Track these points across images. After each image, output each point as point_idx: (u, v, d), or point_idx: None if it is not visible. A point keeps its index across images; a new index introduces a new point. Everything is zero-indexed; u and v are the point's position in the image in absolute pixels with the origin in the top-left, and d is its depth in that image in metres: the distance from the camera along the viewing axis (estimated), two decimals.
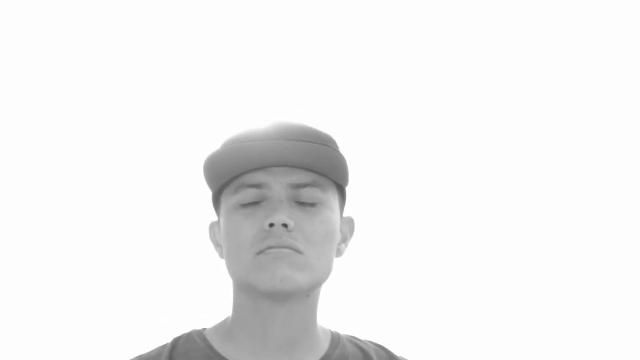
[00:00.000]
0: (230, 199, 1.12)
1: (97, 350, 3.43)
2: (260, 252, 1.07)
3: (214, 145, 1.21)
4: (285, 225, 1.07)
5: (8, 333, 3.43)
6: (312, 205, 1.10)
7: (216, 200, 1.18)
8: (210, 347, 1.17)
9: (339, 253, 1.18)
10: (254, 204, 1.09)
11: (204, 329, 1.23)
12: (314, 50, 3.38)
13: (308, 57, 3.37)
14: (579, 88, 3.46)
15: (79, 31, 3.44)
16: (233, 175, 1.10)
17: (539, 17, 3.40)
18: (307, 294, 1.11)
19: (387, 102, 3.40)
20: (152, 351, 1.20)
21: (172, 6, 3.45)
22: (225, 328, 1.19)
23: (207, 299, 3.46)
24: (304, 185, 1.09)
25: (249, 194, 1.09)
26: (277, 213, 1.07)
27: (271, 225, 1.06)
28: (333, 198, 1.13)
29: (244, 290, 1.12)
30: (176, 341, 1.20)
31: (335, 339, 1.22)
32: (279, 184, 1.09)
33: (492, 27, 3.41)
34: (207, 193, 1.26)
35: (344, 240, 1.19)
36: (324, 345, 1.19)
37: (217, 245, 1.19)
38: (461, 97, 3.47)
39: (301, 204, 1.10)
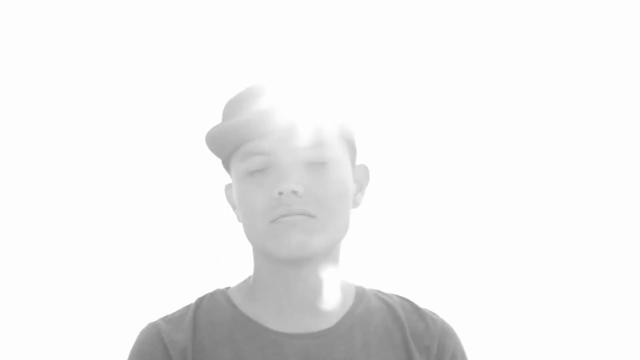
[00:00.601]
0: (238, 167, 1.11)
1: (97, 350, 3.41)
2: (273, 221, 1.07)
3: (218, 110, 1.21)
4: (294, 192, 1.06)
5: (8, 333, 3.41)
6: (321, 164, 1.09)
7: (226, 165, 1.18)
8: (233, 306, 1.18)
9: (355, 204, 1.17)
10: (262, 170, 1.09)
11: (228, 288, 1.23)
12: (313, 50, 3.39)
13: (307, 57, 3.38)
14: (581, 85, 3.48)
15: (79, 31, 3.45)
16: (237, 144, 1.10)
17: (539, 11, 3.42)
18: (325, 254, 1.11)
19: (388, 101, 3.41)
20: (176, 312, 1.21)
21: (172, 6, 3.46)
22: (247, 287, 1.19)
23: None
24: (311, 147, 1.08)
25: (256, 162, 1.08)
26: (285, 180, 1.06)
27: (280, 193, 1.06)
28: (342, 152, 1.11)
29: (263, 254, 1.12)
30: (200, 301, 1.21)
31: (360, 293, 1.22)
32: (284, 149, 1.08)
33: (493, 23, 3.43)
34: (207, 194, 1.26)
35: (360, 189, 1.18)
36: (348, 301, 1.19)
37: (234, 207, 1.19)
38: (464, 85, 3.49)
39: (309, 164, 1.09)
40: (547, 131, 3.50)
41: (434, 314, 1.25)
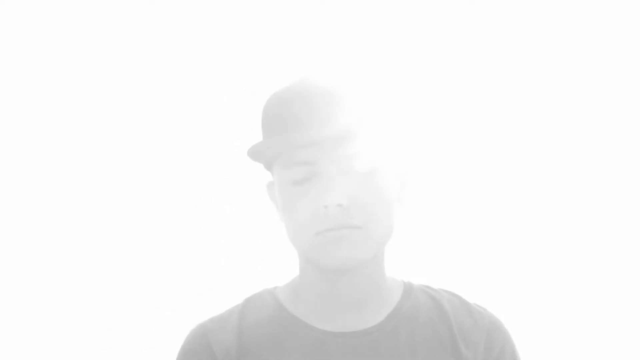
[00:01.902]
0: (282, 174, 1.10)
1: (97, 350, 3.40)
2: (318, 233, 1.07)
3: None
4: (340, 205, 1.05)
5: (8, 333, 3.40)
6: (366, 173, 1.07)
7: (268, 167, 1.17)
8: (279, 304, 1.18)
9: (402, 202, 1.16)
10: (306, 180, 1.07)
11: (275, 287, 1.24)
12: (313, 49, 3.38)
13: (307, 56, 3.38)
14: (588, 80, 3.48)
15: (79, 31, 3.45)
16: (278, 155, 1.09)
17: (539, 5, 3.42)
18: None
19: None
20: (224, 312, 1.22)
21: (172, 6, 3.46)
22: (294, 287, 1.20)
23: (209, 298, 3.44)
24: (354, 155, 1.06)
25: (300, 172, 1.07)
26: (330, 193, 1.05)
27: (326, 206, 1.05)
28: (386, 156, 1.10)
29: (308, 260, 1.13)
30: (247, 300, 1.22)
31: (408, 290, 1.22)
32: (328, 158, 1.06)
33: (493, 21, 3.43)
34: (207, 194, 1.27)
35: (404, 187, 1.16)
36: (395, 298, 1.19)
37: (276, 206, 1.18)
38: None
39: (354, 173, 1.07)
40: (552, 127, 3.50)
41: (482, 308, 1.24)
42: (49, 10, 3.41)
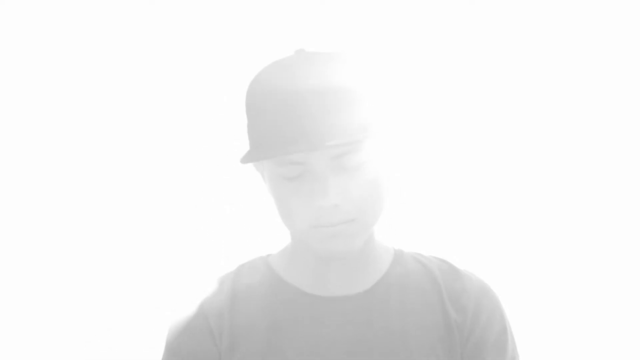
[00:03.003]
0: (273, 169, 1.09)
1: (97, 350, 3.41)
2: (313, 227, 1.07)
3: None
4: (335, 206, 1.05)
5: (8, 333, 3.40)
6: (357, 168, 1.07)
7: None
8: (272, 270, 1.20)
9: (391, 189, 1.16)
10: (298, 177, 1.07)
11: (269, 255, 1.25)
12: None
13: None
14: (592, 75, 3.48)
15: (79, 31, 3.45)
16: (271, 157, 1.07)
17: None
18: None
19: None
20: (218, 279, 1.24)
21: (172, 5, 3.46)
22: (286, 255, 1.21)
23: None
24: (345, 153, 1.05)
25: (292, 170, 1.06)
26: (325, 194, 1.04)
27: (321, 207, 1.05)
28: (376, 146, 1.09)
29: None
30: (241, 267, 1.23)
31: (398, 256, 1.23)
32: (320, 158, 1.05)
33: (493, 20, 3.43)
34: (207, 194, 1.27)
35: (394, 172, 1.17)
36: (385, 264, 1.21)
37: (264, 178, 1.17)
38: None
39: (344, 168, 1.06)
40: (549, 121, 3.50)
41: (471, 274, 1.25)
42: (49, 10, 3.42)
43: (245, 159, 1.06)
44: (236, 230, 3.48)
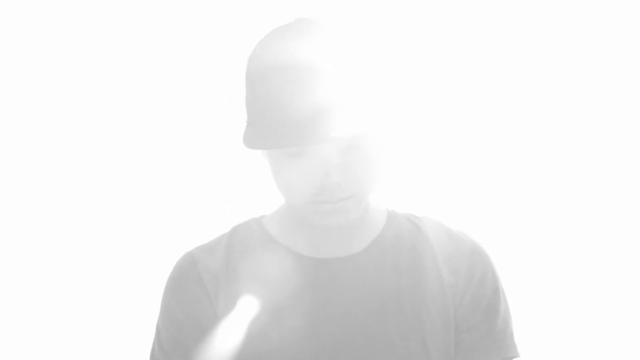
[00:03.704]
0: None
1: (97, 350, 3.41)
2: (313, 202, 1.07)
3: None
4: (337, 184, 1.05)
5: (8, 333, 3.41)
6: (357, 146, 1.06)
7: None
8: (266, 232, 1.19)
9: (387, 161, 1.16)
10: (298, 153, 1.05)
11: (263, 216, 1.25)
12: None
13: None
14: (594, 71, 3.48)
15: (79, 31, 3.45)
16: (284, 147, 1.05)
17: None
18: None
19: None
20: (212, 240, 1.23)
21: (172, 5, 3.46)
22: (280, 216, 1.21)
23: None
24: (343, 131, 1.02)
25: (292, 148, 1.05)
26: (326, 173, 1.03)
27: (322, 186, 1.05)
28: (371, 120, 1.06)
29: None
30: (235, 229, 1.23)
31: (391, 217, 1.23)
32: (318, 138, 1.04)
33: (493, 18, 3.43)
34: (206, 194, 1.26)
35: (391, 147, 1.16)
36: (378, 225, 1.21)
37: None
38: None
39: (344, 147, 1.06)
40: (549, 119, 3.50)
41: (464, 234, 1.25)
42: (49, 10, 3.42)
43: (254, 145, 1.03)
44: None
